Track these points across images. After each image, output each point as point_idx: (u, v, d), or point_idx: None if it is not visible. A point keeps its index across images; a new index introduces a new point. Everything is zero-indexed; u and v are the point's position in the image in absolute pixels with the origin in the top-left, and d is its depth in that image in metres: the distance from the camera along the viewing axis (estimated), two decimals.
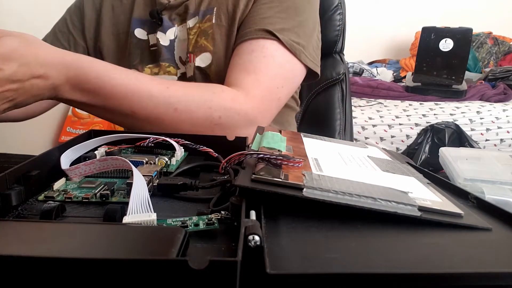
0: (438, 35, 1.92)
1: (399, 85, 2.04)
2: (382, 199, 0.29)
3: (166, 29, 0.73)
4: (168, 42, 0.73)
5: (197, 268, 0.19)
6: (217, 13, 0.70)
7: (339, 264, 0.22)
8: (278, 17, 0.66)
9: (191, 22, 0.72)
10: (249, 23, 0.67)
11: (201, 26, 0.70)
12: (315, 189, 0.29)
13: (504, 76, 2.03)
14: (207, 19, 0.70)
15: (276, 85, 0.64)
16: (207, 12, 0.71)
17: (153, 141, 0.45)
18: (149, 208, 0.29)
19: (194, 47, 0.71)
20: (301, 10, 0.69)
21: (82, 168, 0.37)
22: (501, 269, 0.23)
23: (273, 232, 0.25)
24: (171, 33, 0.73)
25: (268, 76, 0.63)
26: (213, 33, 0.69)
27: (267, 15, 0.66)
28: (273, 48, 0.64)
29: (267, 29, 0.64)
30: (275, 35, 0.64)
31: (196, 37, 0.71)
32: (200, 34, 0.70)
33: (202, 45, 0.70)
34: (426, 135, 1.70)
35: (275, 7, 0.67)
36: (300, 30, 0.67)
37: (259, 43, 0.64)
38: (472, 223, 0.28)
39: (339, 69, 0.96)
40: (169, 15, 0.73)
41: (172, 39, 0.73)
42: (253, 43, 0.65)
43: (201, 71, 0.70)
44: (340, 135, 0.95)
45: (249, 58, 0.64)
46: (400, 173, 0.38)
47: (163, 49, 0.73)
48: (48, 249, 0.23)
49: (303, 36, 0.67)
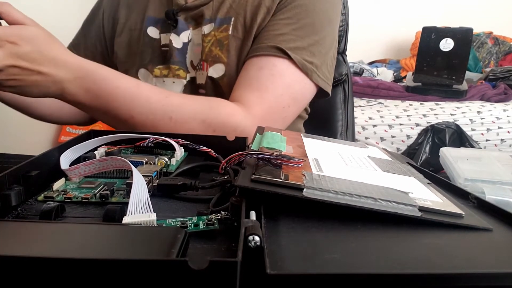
0: (438, 35, 1.92)
1: (400, 85, 2.04)
2: (382, 199, 0.29)
3: (180, 32, 0.72)
4: (181, 44, 0.72)
5: (197, 269, 0.19)
6: (234, 24, 0.69)
7: (339, 264, 0.22)
8: (294, 35, 0.64)
9: (207, 28, 0.71)
10: (263, 38, 0.65)
11: (216, 35, 0.69)
12: (315, 189, 0.29)
13: (504, 76, 2.03)
14: (224, 29, 0.69)
15: (282, 105, 0.63)
16: (225, 21, 0.70)
17: (153, 141, 0.45)
18: (149, 208, 0.29)
19: (208, 56, 0.70)
20: (320, 28, 0.67)
21: (81, 168, 0.37)
22: (501, 269, 0.22)
23: (273, 232, 0.25)
24: (185, 36, 0.72)
25: (273, 95, 0.62)
26: (229, 44, 0.68)
27: (282, 31, 0.65)
28: (283, 67, 0.63)
29: (279, 47, 0.63)
30: (287, 54, 0.62)
31: (210, 45, 0.70)
32: (214, 43, 0.69)
33: (217, 55, 0.69)
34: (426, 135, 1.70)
35: (293, 24, 0.65)
36: (315, 49, 0.65)
37: (269, 60, 0.63)
38: (472, 223, 0.28)
39: (342, 70, 0.96)
40: (184, 17, 0.72)
41: (186, 42, 0.72)
42: (263, 60, 0.64)
43: (213, 81, 0.70)
44: (342, 136, 0.95)
45: (257, 74, 0.63)
46: (400, 174, 0.38)
47: (175, 51, 0.72)
48: (48, 250, 0.23)
49: (318, 55, 0.66)
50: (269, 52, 0.63)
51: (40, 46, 0.49)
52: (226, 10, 0.70)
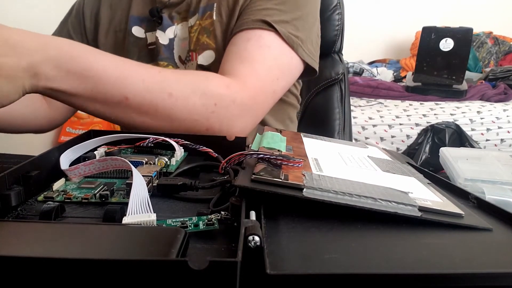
0: (438, 34, 1.92)
1: (399, 85, 2.04)
2: (382, 199, 0.29)
3: (165, 28, 0.72)
4: (168, 41, 0.72)
5: (197, 269, 0.19)
6: (218, 9, 0.68)
7: (339, 264, 0.22)
8: (277, 9, 0.64)
9: (192, 20, 0.71)
10: (246, 14, 0.65)
11: (201, 23, 0.69)
12: (315, 189, 0.29)
13: (504, 76, 2.03)
14: (208, 16, 0.69)
15: (272, 77, 0.62)
16: (207, 8, 0.69)
17: (152, 141, 0.44)
18: (149, 208, 0.29)
19: (196, 45, 0.69)
20: (302, 4, 0.67)
21: (81, 169, 0.37)
22: (501, 269, 0.22)
23: (273, 232, 0.25)
24: (170, 31, 0.72)
25: (264, 66, 0.61)
26: (214, 29, 0.68)
27: (265, 6, 0.64)
28: (270, 39, 0.62)
29: (264, 20, 0.62)
30: (272, 26, 0.62)
31: (197, 35, 0.69)
32: (201, 32, 0.69)
33: (204, 42, 0.69)
34: (426, 135, 1.70)
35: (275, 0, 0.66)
36: (299, 24, 0.65)
37: (256, 33, 0.62)
38: (472, 223, 0.28)
39: (338, 69, 0.96)
40: (168, 13, 0.72)
41: (172, 38, 0.72)
42: (249, 33, 0.63)
43: (204, 69, 0.69)
44: (339, 135, 0.95)
45: (245, 46, 0.62)
46: (400, 173, 0.38)
47: (162, 47, 0.72)
48: (48, 250, 0.23)
49: (302, 30, 0.65)
50: (254, 26, 0.63)
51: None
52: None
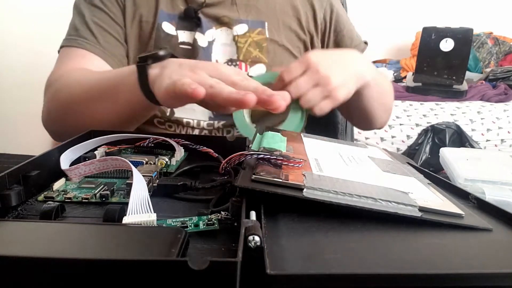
0: (438, 35, 1.92)
1: (400, 85, 2.04)
2: (382, 199, 0.29)
3: (205, 30, 0.72)
4: (207, 43, 0.72)
5: (197, 269, 0.19)
6: (269, 28, 0.74)
7: (339, 264, 0.22)
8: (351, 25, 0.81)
9: (239, 29, 0.72)
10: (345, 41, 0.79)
11: (252, 36, 0.73)
12: (316, 189, 0.29)
13: (504, 76, 2.03)
14: (259, 32, 0.73)
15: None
16: (257, 24, 0.73)
17: (153, 141, 0.45)
18: (149, 208, 0.29)
19: (246, 57, 0.73)
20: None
21: (81, 169, 0.37)
22: (501, 269, 0.22)
23: (273, 232, 0.25)
24: (209, 34, 0.72)
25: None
26: (267, 46, 0.73)
27: (352, 30, 0.81)
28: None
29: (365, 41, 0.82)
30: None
31: (248, 46, 0.73)
32: (252, 45, 0.73)
33: (257, 56, 0.73)
34: (426, 136, 1.70)
35: (345, 15, 0.81)
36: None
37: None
38: (472, 223, 0.28)
39: None
40: (205, 15, 0.72)
41: (210, 41, 0.72)
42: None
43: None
44: (342, 136, 0.95)
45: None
46: (400, 174, 0.38)
47: (201, 50, 0.71)
48: (48, 250, 0.23)
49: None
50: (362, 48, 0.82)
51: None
52: (255, 13, 0.73)
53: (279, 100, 0.39)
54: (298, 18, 0.76)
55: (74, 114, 0.60)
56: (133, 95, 0.50)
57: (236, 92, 0.39)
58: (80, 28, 0.70)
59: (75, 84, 0.61)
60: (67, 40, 0.71)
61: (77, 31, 0.70)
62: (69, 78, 0.63)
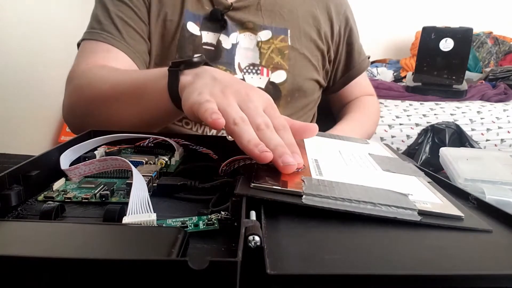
0: (438, 34, 1.92)
1: (400, 85, 2.04)
2: (382, 203, 0.29)
3: (229, 33, 0.72)
4: (230, 46, 0.73)
5: (197, 269, 0.19)
6: (291, 36, 0.76)
7: (339, 265, 0.22)
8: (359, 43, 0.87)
9: (263, 35, 0.74)
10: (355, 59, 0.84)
11: (275, 43, 0.74)
12: (314, 196, 0.29)
13: (504, 76, 2.03)
14: (282, 39, 0.75)
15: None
16: (280, 31, 0.75)
17: (152, 141, 0.45)
18: (149, 208, 0.29)
19: (269, 62, 0.74)
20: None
21: (81, 168, 0.37)
22: (501, 271, 0.22)
23: (273, 232, 0.25)
24: (233, 37, 0.73)
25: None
26: (289, 54, 0.75)
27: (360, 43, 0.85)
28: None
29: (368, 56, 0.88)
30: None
31: (270, 53, 0.74)
32: (274, 51, 0.74)
33: (278, 63, 0.74)
34: (426, 135, 1.69)
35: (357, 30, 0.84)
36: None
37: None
38: (472, 225, 0.28)
39: None
40: (230, 18, 0.73)
41: (234, 43, 0.73)
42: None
43: (274, 86, 0.75)
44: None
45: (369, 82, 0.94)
46: (401, 172, 0.38)
47: (224, 52, 0.72)
48: (48, 250, 0.23)
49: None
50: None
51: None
52: (279, 20, 0.75)
53: (290, 170, 0.34)
54: (317, 28, 0.78)
55: (97, 112, 0.59)
56: (160, 99, 0.49)
57: (254, 145, 0.34)
58: (104, 21, 0.69)
59: (100, 82, 0.59)
60: (89, 33, 0.69)
61: (100, 25, 0.69)
62: (94, 74, 0.61)
